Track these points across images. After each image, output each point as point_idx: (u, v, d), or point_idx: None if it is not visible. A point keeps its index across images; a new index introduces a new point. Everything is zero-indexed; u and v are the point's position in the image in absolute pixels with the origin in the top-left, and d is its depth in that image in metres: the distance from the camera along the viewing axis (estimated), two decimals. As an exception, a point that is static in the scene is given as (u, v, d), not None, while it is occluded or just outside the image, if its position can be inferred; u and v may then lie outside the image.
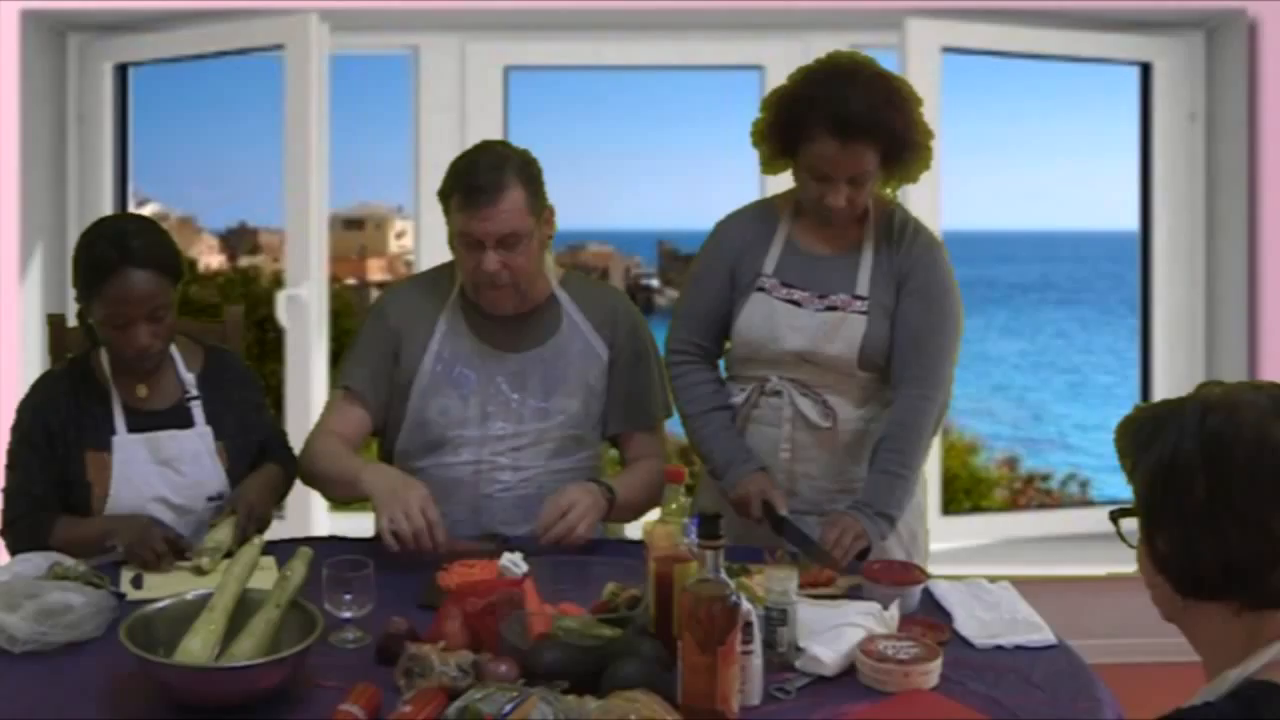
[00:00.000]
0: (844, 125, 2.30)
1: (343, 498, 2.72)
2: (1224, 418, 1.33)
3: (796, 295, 2.45)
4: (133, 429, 2.41)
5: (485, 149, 2.49)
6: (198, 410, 2.46)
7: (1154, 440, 1.37)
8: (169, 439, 2.42)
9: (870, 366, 2.44)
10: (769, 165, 2.45)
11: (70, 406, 2.39)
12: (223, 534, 2.31)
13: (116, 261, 2.29)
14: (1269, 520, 1.30)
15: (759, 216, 2.54)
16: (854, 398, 2.46)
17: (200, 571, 2.25)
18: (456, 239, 2.46)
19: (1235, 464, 1.31)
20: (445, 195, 2.46)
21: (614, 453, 2.70)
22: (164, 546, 2.27)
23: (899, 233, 2.45)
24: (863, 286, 2.43)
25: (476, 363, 2.53)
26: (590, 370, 2.57)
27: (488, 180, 2.40)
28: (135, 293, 2.29)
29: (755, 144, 2.44)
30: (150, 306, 2.31)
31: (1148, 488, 1.37)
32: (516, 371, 2.54)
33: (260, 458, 2.54)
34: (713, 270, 2.52)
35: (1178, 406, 1.39)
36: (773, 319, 2.45)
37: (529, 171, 2.46)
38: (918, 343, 2.41)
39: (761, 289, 2.46)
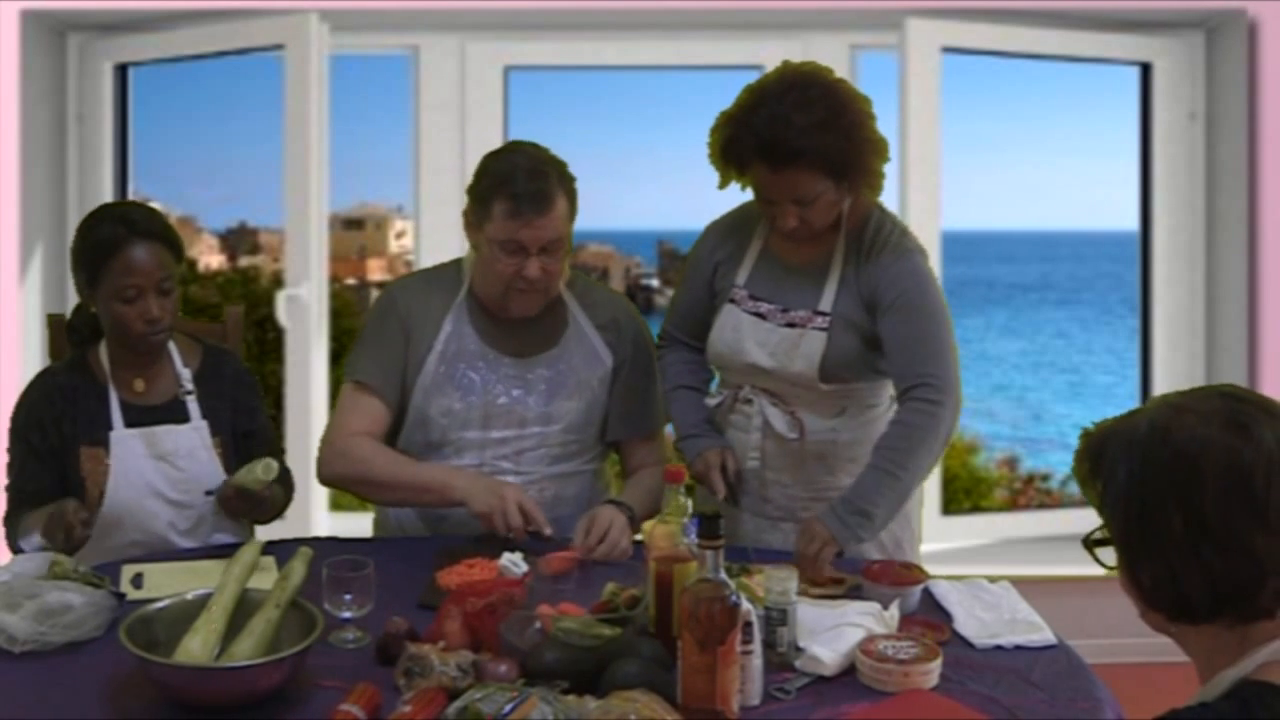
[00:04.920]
0: (772, 153, 2.25)
1: (398, 504, 2.56)
2: (1186, 439, 1.30)
3: (763, 308, 2.43)
4: (129, 424, 2.42)
5: (520, 152, 2.44)
6: (193, 405, 2.47)
7: (1116, 470, 1.34)
8: (166, 433, 2.43)
9: (834, 380, 2.40)
10: (724, 182, 2.38)
11: (67, 402, 2.40)
12: (259, 466, 2.30)
13: (122, 236, 2.34)
14: (1251, 540, 1.28)
15: (740, 225, 2.51)
16: (823, 410, 2.43)
17: (258, 482, 2.29)
18: (495, 244, 2.40)
19: (1206, 489, 1.28)
20: (484, 198, 2.41)
21: (615, 456, 2.69)
22: (68, 522, 2.19)
23: (868, 244, 2.39)
24: (826, 302, 2.39)
25: (481, 366, 2.52)
26: (594, 374, 2.56)
27: (536, 188, 2.36)
28: (143, 264, 2.34)
29: (711, 162, 2.37)
30: (158, 277, 2.35)
31: (1122, 523, 1.34)
32: (520, 375, 2.53)
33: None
34: (694, 277, 2.56)
35: (1129, 430, 1.35)
36: (739, 331, 2.44)
37: (568, 181, 2.44)
38: (913, 350, 2.34)
39: (733, 300, 2.46)
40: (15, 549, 2.34)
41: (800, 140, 2.23)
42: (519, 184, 2.37)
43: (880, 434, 2.38)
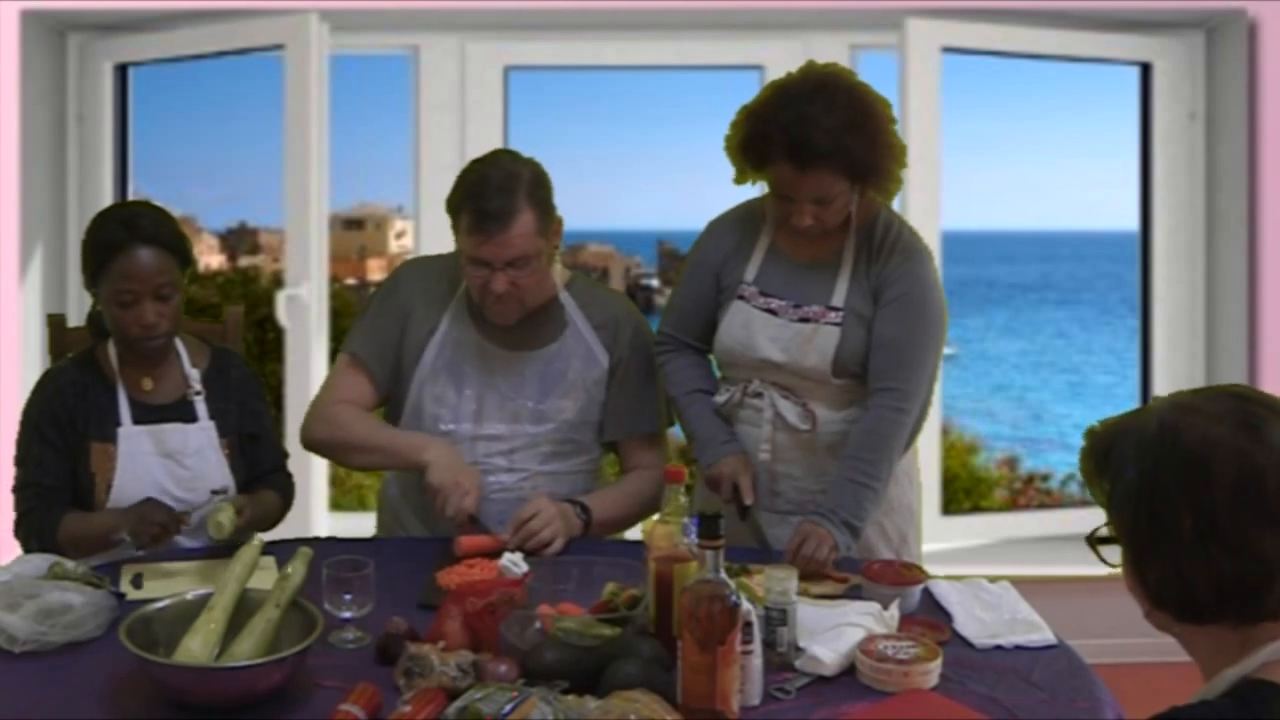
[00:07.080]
0: (799, 152, 2.26)
1: (372, 467, 2.80)
2: (1197, 440, 1.30)
3: (774, 304, 2.44)
4: (138, 421, 2.42)
5: (495, 164, 2.43)
6: (201, 405, 2.47)
7: (1124, 469, 1.34)
8: (174, 432, 2.43)
9: (846, 375, 2.41)
10: (740, 177, 2.40)
11: (77, 398, 2.40)
12: (223, 513, 2.28)
13: (124, 238, 2.33)
14: (1260, 542, 1.28)
15: (744, 222, 2.52)
16: (834, 402, 2.44)
17: (221, 529, 2.24)
18: (464, 258, 2.43)
19: (1217, 490, 1.28)
20: (454, 210, 2.43)
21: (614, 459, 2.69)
22: (163, 516, 2.25)
23: (879, 242, 2.42)
24: (839, 297, 2.41)
25: (477, 360, 2.53)
26: (589, 374, 2.56)
27: (498, 205, 2.36)
28: (142, 269, 2.32)
29: (728, 156, 2.40)
30: (157, 283, 2.34)
31: (1131, 523, 1.34)
32: (516, 372, 2.53)
33: (256, 470, 2.54)
34: (698, 274, 2.54)
35: (1138, 430, 1.35)
36: (750, 328, 2.44)
37: (540, 192, 2.42)
38: (893, 353, 2.37)
39: (742, 297, 2.46)
40: (45, 548, 2.29)
41: (826, 141, 2.25)
42: (483, 199, 2.37)
43: (854, 433, 2.39)
